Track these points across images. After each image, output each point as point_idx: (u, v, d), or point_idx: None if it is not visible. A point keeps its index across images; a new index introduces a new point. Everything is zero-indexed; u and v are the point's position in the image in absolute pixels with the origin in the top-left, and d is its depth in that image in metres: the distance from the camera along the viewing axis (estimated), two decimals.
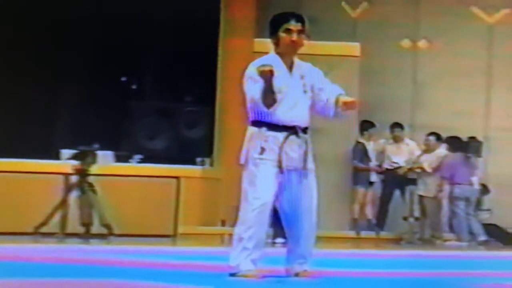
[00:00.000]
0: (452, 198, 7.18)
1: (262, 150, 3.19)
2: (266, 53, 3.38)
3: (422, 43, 8.10)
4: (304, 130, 3.27)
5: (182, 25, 7.11)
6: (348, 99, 3.27)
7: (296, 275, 3.31)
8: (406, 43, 8.08)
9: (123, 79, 7.67)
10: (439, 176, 7.22)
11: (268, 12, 6.56)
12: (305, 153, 3.24)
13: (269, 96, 3.18)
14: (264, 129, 3.21)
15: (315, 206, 3.29)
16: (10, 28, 7.14)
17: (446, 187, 7.20)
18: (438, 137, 7.35)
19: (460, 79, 8.02)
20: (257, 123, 3.23)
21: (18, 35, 7.15)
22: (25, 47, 7.13)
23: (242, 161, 3.25)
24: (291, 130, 3.23)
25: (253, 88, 3.21)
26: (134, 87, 7.69)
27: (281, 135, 3.21)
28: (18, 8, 7.16)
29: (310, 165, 3.27)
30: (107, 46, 7.26)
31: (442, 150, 7.33)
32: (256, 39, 6.93)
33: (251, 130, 3.25)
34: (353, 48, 7.40)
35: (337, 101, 3.28)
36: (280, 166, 3.18)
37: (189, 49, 7.19)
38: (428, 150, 7.33)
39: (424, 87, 8.09)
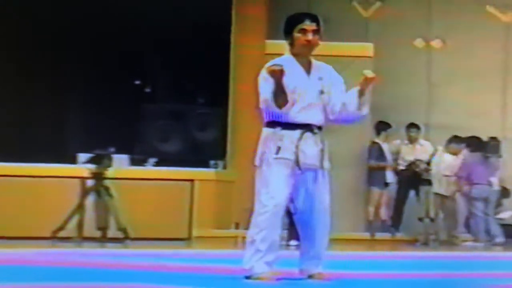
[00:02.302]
0: (470, 198, 7.07)
1: (278, 149, 3.16)
2: (278, 54, 3.37)
3: (435, 43, 8.01)
4: (320, 128, 3.24)
5: (194, 28, 7.13)
6: (369, 73, 3.20)
7: (310, 276, 3.28)
8: (419, 42, 8.01)
9: (137, 82, 7.71)
10: (457, 176, 7.12)
11: (279, 13, 6.54)
12: (322, 151, 3.20)
13: (280, 96, 3.16)
14: (278, 128, 3.19)
15: (328, 206, 3.27)
16: (23, 32, 7.21)
17: (464, 187, 7.08)
18: (461, 140, 7.20)
19: (475, 78, 7.91)
20: (271, 124, 3.22)
21: (31, 38, 7.22)
22: (39, 51, 7.19)
23: (256, 163, 3.23)
24: (306, 127, 3.20)
25: (265, 88, 3.19)
26: (147, 90, 7.73)
27: (296, 133, 3.18)
28: (31, 12, 7.23)
29: (326, 164, 3.24)
30: (120, 49, 7.30)
31: (465, 151, 7.20)
32: (268, 41, 6.92)
33: (266, 131, 3.23)
34: (366, 48, 7.35)
35: (358, 92, 3.19)
36: (297, 164, 3.14)
37: (201, 51, 7.20)
38: (454, 154, 7.19)
39: (439, 87, 8.00)
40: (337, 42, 6.94)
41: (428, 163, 7.12)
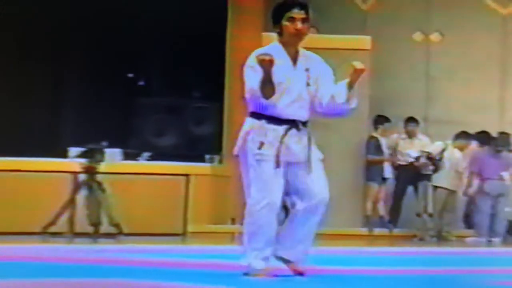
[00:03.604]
0: (482, 194, 6.95)
1: (261, 144, 3.08)
2: None
3: (434, 36, 7.97)
4: (304, 124, 3.15)
5: (190, 21, 7.04)
6: (358, 65, 3.10)
7: (286, 262, 3.15)
8: (418, 36, 7.95)
9: (131, 75, 7.63)
10: (469, 172, 6.98)
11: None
12: (307, 147, 3.12)
13: (268, 86, 3.06)
14: (263, 121, 3.10)
15: (327, 192, 3.14)
16: (17, 26, 7.11)
17: (476, 182, 6.96)
18: (468, 136, 7.10)
19: (473, 72, 7.87)
20: (256, 115, 3.12)
21: (24, 32, 7.12)
22: (32, 44, 7.10)
23: (236, 152, 3.14)
24: (292, 123, 3.12)
25: (252, 77, 3.09)
26: (141, 83, 7.64)
27: (281, 129, 3.10)
28: (24, 6, 7.13)
29: (315, 156, 3.15)
30: (114, 42, 7.21)
31: (474, 146, 7.09)
32: (264, 33, 6.84)
33: (250, 121, 3.13)
34: (364, 41, 7.27)
35: (347, 84, 3.11)
36: (277, 161, 3.06)
37: (197, 45, 7.12)
38: (461, 149, 7.10)
39: (437, 81, 7.96)
40: (335, 35, 6.86)
41: (440, 159, 7.03)
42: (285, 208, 3.25)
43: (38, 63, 7.13)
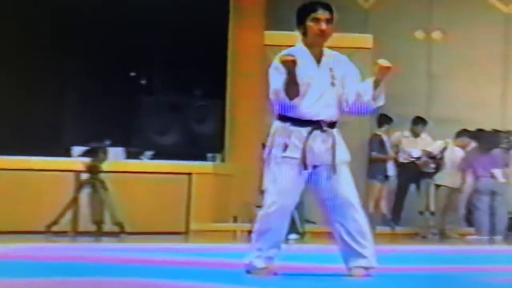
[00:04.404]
0: (476, 192, 6.98)
1: (285, 147, 3.10)
2: (277, 45, 3.34)
3: (436, 34, 7.96)
4: (331, 124, 3.15)
5: (192, 19, 7.05)
6: (384, 62, 3.10)
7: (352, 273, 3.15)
8: (419, 34, 7.95)
9: (133, 74, 7.64)
10: (461, 168, 7.02)
11: (278, 4, 6.45)
12: (332, 148, 3.11)
13: (291, 87, 3.07)
14: (288, 124, 3.11)
15: (352, 199, 3.17)
16: (19, 24, 7.13)
17: (468, 179, 7.00)
18: (469, 134, 7.12)
19: (475, 70, 7.88)
20: (282, 118, 3.14)
21: (27, 31, 7.15)
22: (34, 43, 7.12)
23: (265, 156, 3.15)
24: (316, 124, 3.12)
25: (276, 79, 3.11)
26: (144, 82, 7.65)
27: (304, 130, 3.11)
28: (27, 4, 7.15)
29: (341, 158, 3.15)
30: (116, 41, 7.22)
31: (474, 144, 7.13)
32: (267, 32, 6.82)
33: (276, 125, 3.16)
34: (366, 39, 7.27)
35: (373, 83, 3.10)
36: (304, 163, 3.07)
37: (199, 43, 7.12)
38: (463, 147, 7.11)
39: (439, 79, 7.96)
40: (336, 34, 6.83)
41: (441, 158, 7.03)
42: (292, 221, 3.26)
43: (40, 62, 7.14)
